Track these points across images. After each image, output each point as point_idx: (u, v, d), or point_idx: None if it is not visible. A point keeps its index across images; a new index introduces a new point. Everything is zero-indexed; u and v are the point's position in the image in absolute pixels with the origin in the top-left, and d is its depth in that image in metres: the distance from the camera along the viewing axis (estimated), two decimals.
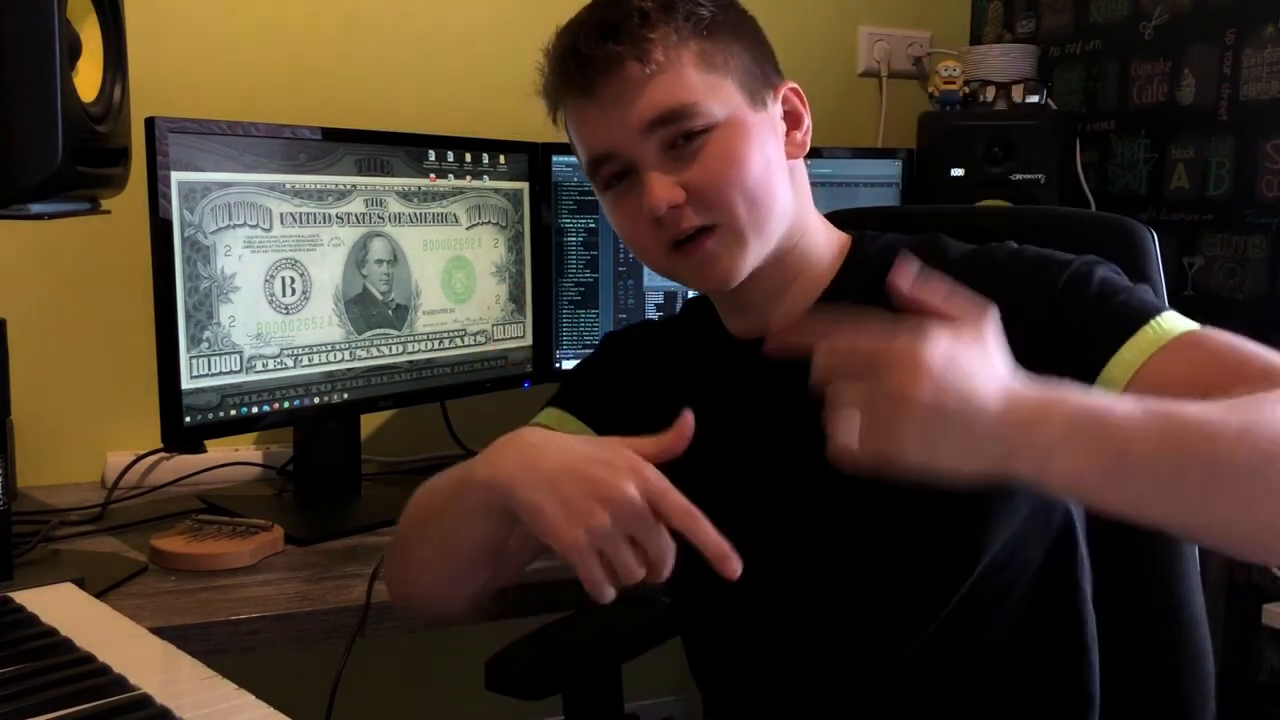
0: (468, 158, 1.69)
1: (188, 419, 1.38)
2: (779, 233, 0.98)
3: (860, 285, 1.00)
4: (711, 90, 0.95)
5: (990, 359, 0.73)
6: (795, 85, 1.03)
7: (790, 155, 1.01)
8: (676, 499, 0.81)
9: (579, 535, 0.80)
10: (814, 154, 1.36)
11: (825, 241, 1.03)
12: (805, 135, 1.03)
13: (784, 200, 0.98)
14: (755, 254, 0.97)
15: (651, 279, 1.84)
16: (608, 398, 1.11)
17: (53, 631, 0.85)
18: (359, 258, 1.56)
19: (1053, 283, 0.92)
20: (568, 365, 1.84)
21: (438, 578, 1.01)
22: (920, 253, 0.99)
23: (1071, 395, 0.72)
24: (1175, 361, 0.84)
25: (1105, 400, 0.72)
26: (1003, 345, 0.77)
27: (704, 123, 0.94)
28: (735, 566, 0.79)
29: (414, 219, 1.62)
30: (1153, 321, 0.87)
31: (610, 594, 0.81)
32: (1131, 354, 0.86)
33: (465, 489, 0.92)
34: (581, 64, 0.95)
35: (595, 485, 0.81)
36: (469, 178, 1.69)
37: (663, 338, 1.15)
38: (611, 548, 0.80)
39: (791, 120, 1.02)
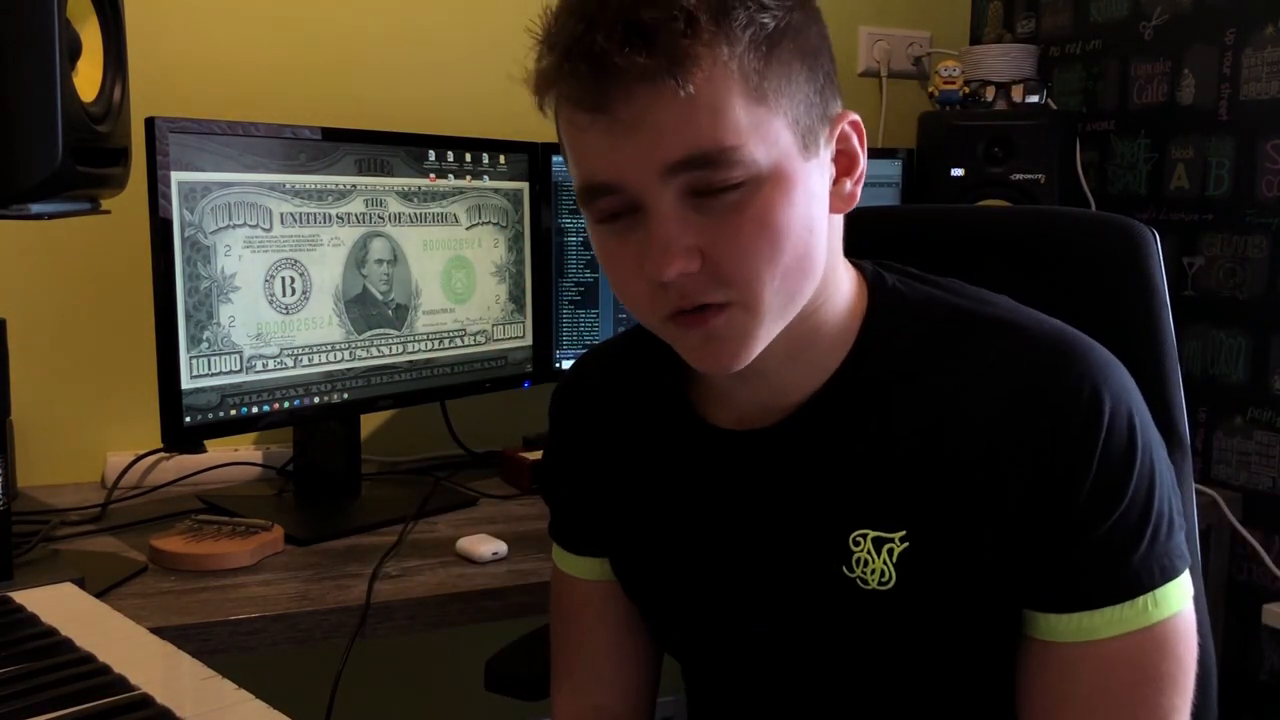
0: (468, 158, 1.69)
1: (188, 419, 1.38)
2: (801, 306, 0.81)
3: (880, 365, 0.85)
4: (758, 130, 0.74)
5: None
6: (857, 118, 0.83)
7: (834, 209, 0.82)
8: None
9: None
10: None
11: (844, 297, 0.86)
12: (856, 185, 0.83)
13: (818, 270, 0.80)
14: (770, 334, 0.80)
15: None
16: (592, 515, 1.00)
17: (53, 631, 0.85)
18: (359, 258, 1.56)
19: (1086, 475, 0.78)
20: (568, 365, 1.83)
21: None
22: (958, 338, 0.84)
23: None
24: (1087, 670, 0.79)
25: None
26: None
27: (742, 174, 0.74)
28: None
29: (414, 219, 1.62)
30: (1129, 604, 0.78)
31: None
32: (1078, 626, 0.79)
33: None
34: (596, 69, 0.72)
35: None
36: (469, 178, 1.69)
37: (617, 402, 0.98)
38: None
39: (843, 163, 0.82)
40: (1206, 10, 1.89)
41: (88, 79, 1.19)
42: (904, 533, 0.82)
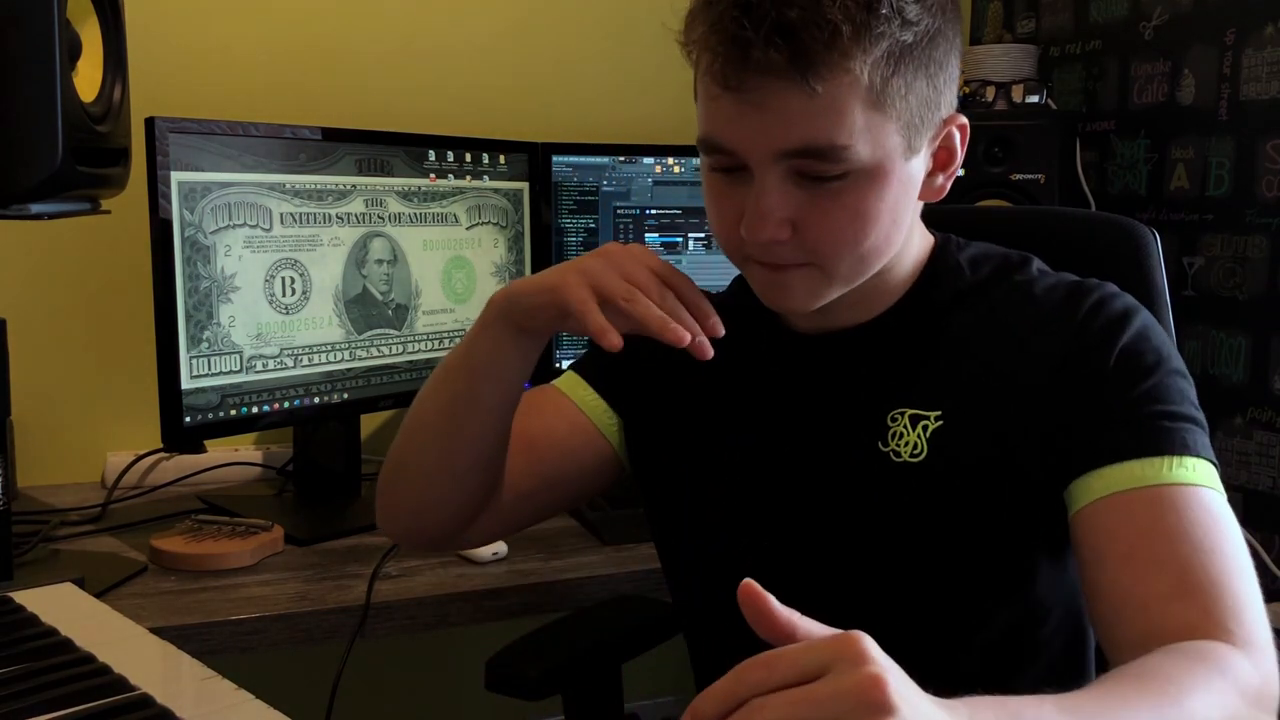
0: (468, 158, 1.69)
1: (188, 419, 1.38)
2: (871, 274, 0.90)
3: (939, 299, 0.94)
4: (869, 131, 0.81)
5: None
6: (965, 122, 0.89)
7: (922, 196, 0.90)
8: (681, 276, 0.85)
9: (584, 290, 0.83)
10: None
11: (913, 250, 0.95)
12: (948, 180, 0.91)
13: (894, 250, 0.89)
14: (837, 293, 0.89)
15: None
16: (633, 371, 1.05)
17: (53, 631, 0.85)
18: (359, 258, 1.56)
19: (1111, 351, 0.87)
20: (568, 365, 1.83)
21: (442, 481, 0.98)
22: (1005, 274, 0.95)
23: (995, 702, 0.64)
24: (1137, 513, 0.81)
25: (1027, 706, 0.64)
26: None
27: (846, 168, 0.81)
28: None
29: (414, 219, 1.62)
30: (1165, 459, 0.82)
31: (617, 338, 0.81)
32: (1116, 477, 0.83)
33: (472, 341, 0.94)
34: (739, 53, 0.78)
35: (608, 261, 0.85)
36: (469, 178, 1.69)
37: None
38: (610, 286, 0.83)
39: (941, 158, 0.89)
40: (1206, 10, 1.89)
41: (88, 79, 1.19)
42: (940, 412, 0.90)
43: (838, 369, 0.95)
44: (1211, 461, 0.84)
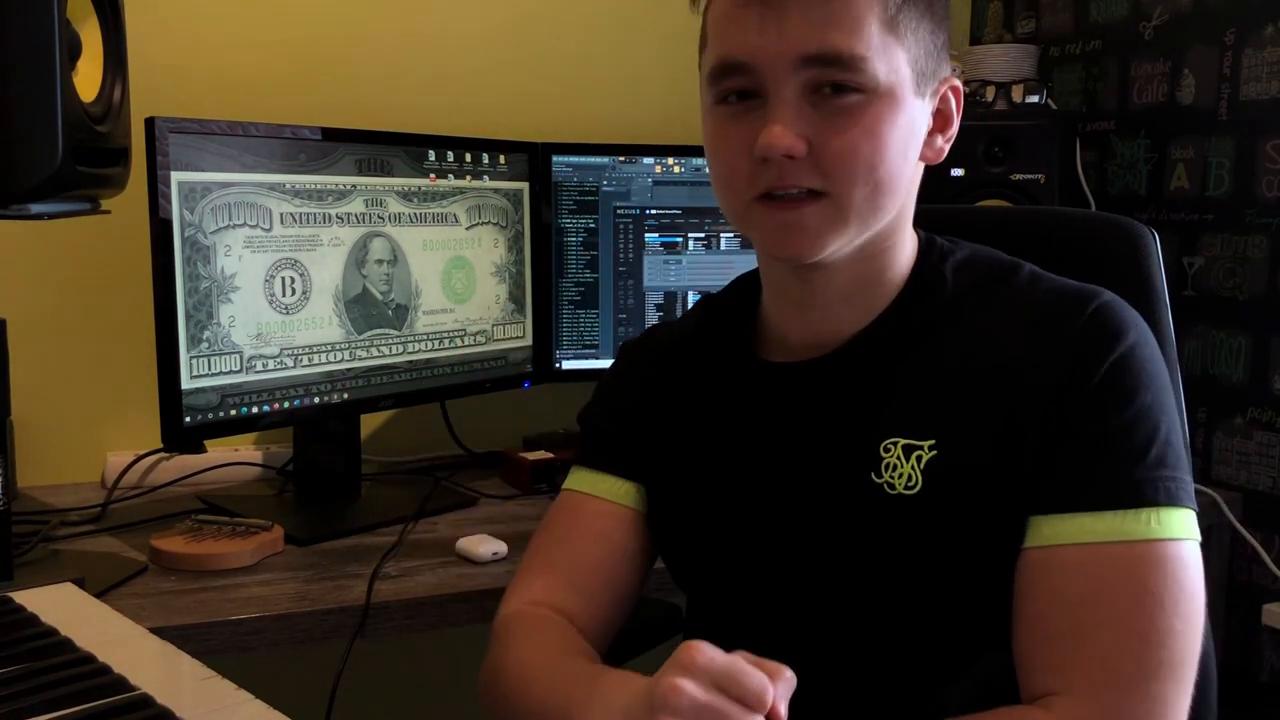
0: (468, 158, 1.69)
1: (188, 419, 1.38)
2: (878, 228, 0.89)
3: (922, 314, 0.92)
4: (885, 53, 0.84)
5: None
6: (959, 85, 0.94)
7: (923, 158, 0.92)
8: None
9: None
10: None
11: (907, 251, 0.95)
12: (946, 143, 0.94)
13: (900, 196, 0.90)
14: (846, 240, 0.88)
15: (652, 279, 1.84)
16: (633, 437, 1.03)
17: (53, 631, 0.85)
18: (359, 258, 1.56)
19: (1096, 370, 0.84)
20: (568, 365, 1.84)
21: None
22: (993, 285, 0.93)
23: None
24: (1070, 571, 0.81)
25: None
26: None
27: (863, 82, 0.84)
28: None
29: (414, 219, 1.62)
30: (1119, 513, 0.81)
31: None
32: (1066, 529, 0.82)
33: None
34: None
35: None
36: (469, 178, 1.69)
37: (682, 353, 1.05)
38: None
39: (939, 121, 0.93)
40: (1206, 10, 1.89)
41: (88, 79, 1.19)
42: (933, 441, 0.87)
43: (827, 399, 0.93)
44: (1180, 506, 0.82)
